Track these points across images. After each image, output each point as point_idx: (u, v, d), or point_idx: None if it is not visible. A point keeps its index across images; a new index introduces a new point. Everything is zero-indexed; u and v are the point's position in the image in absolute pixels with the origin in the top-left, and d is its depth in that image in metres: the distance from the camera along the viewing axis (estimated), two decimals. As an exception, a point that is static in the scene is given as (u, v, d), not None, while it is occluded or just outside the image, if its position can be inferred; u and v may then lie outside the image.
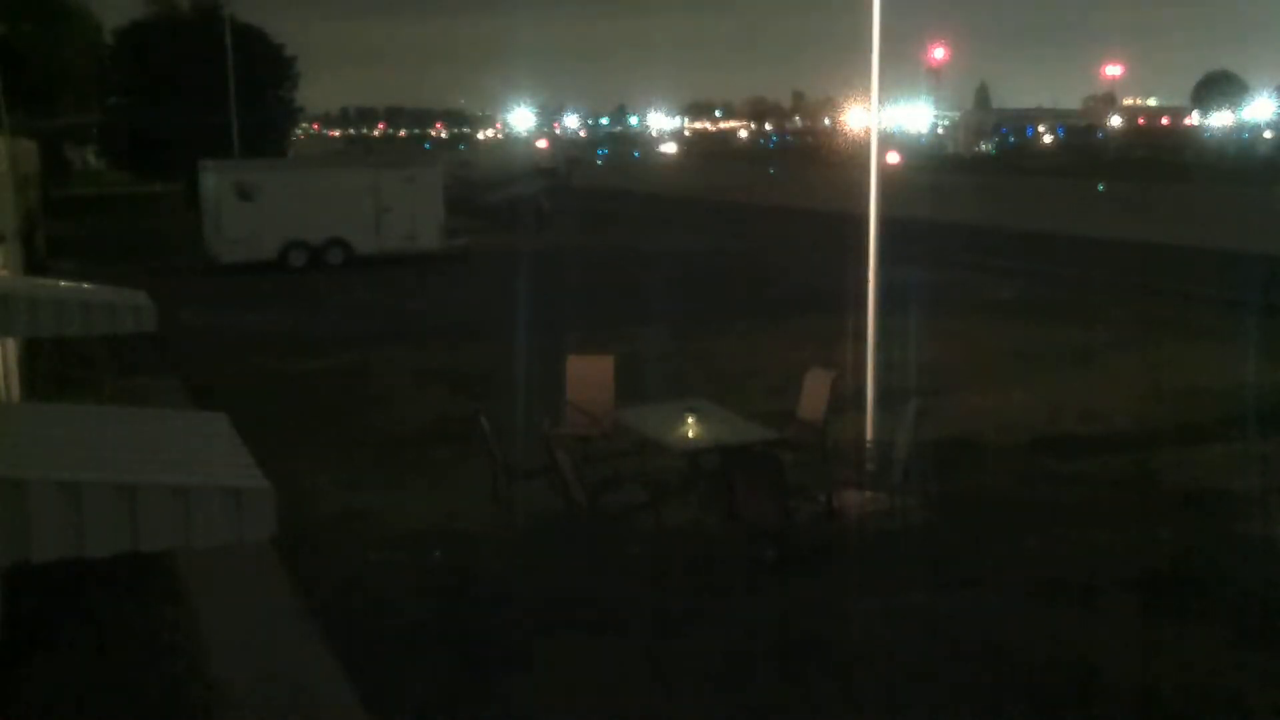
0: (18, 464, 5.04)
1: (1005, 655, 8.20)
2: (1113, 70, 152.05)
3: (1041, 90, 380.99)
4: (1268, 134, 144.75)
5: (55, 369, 15.27)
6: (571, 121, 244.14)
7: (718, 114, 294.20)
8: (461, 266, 31.38)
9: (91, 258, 33.07)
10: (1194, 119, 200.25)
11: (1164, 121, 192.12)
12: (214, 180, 30.57)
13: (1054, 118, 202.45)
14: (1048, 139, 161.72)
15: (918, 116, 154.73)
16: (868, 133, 12.24)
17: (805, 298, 24.38)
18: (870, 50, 11.30)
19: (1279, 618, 8.90)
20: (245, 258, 29.59)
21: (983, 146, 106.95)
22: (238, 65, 44.09)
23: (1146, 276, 26.51)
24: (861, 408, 11.81)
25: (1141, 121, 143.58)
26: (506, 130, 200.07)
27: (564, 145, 56.27)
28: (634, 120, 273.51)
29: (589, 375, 12.63)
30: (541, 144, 53.06)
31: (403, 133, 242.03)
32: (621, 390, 12.58)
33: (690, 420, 10.83)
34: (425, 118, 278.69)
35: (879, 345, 11.75)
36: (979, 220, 41.94)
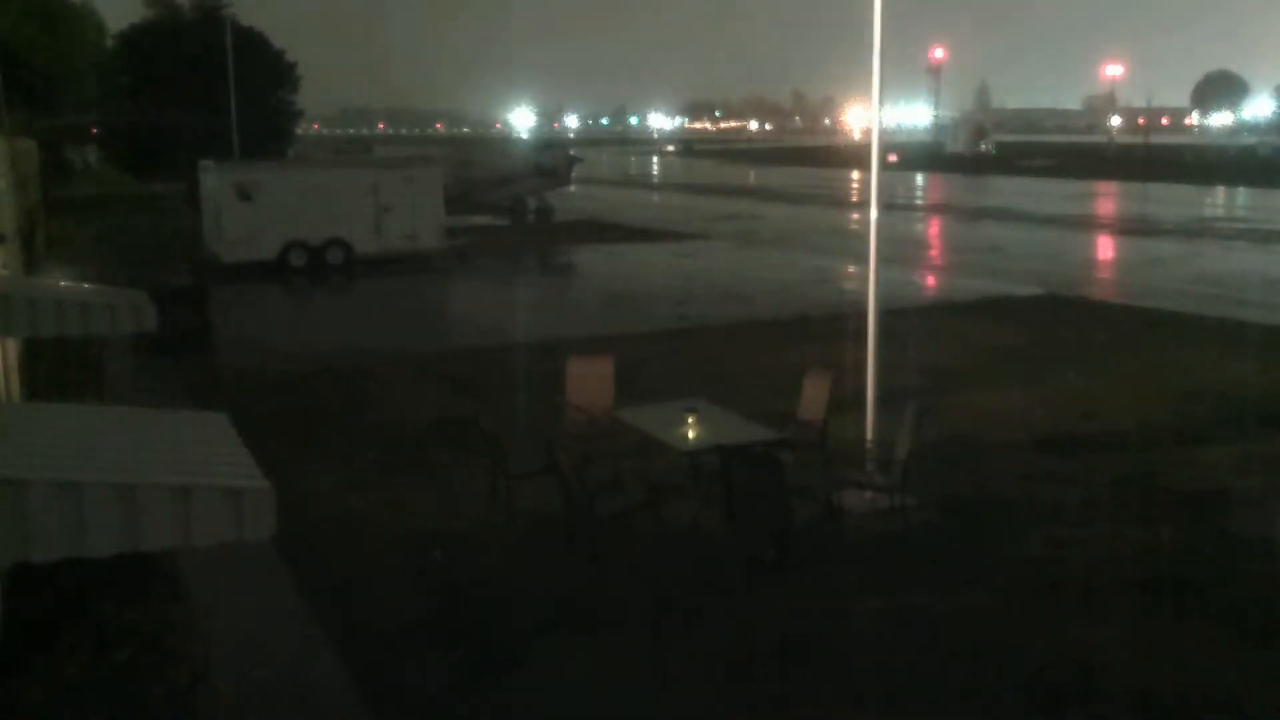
0: (18, 464, 5.03)
1: (1005, 655, 8.20)
2: (1113, 70, 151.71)
3: (1042, 90, 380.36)
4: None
5: (55, 369, 15.25)
6: (571, 121, 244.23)
7: (718, 114, 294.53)
8: (461, 267, 31.37)
9: (92, 258, 33.07)
10: (1194, 119, 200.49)
11: (1164, 122, 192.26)
12: (214, 181, 30.54)
13: (1054, 118, 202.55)
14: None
15: (918, 116, 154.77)
16: (867, 133, 12.24)
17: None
18: (871, 50, 11.29)
19: (1279, 618, 8.90)
20: (245, 258, 29.55)
21: (983, 146, 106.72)
22: (238, 69, 44.09)
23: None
24: (862, 408, 11.81)
25: (1142, 121, 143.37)
26: (507, 130, 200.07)
27: (565, 145, 56.27)
28: (634, 120, 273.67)
29: (589, 375, 12.63)
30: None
31: (403, 132, 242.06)
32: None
33: (690, 420, 10.83)
34: (425, 118, 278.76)
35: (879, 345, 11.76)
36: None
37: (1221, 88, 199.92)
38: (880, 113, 11.92)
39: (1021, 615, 8.88)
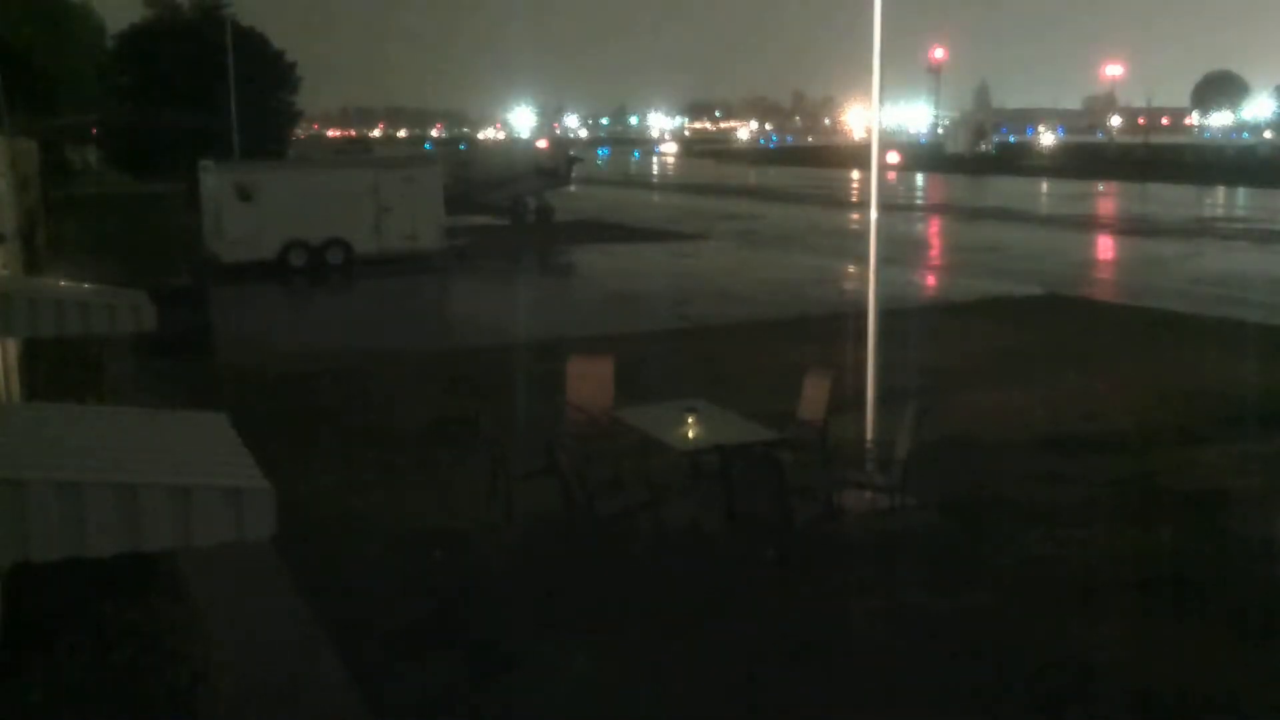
0: (18, 464, 5.03)
1: (1005, 655, 8.20)
2: (1113, 70, 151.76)
3: (1041, 90, 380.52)
4: (1267, 133, 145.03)
5: (55, 369, 15.25)
6: (571, 121, 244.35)
7: (718, 114, 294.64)
8: (461, 267, 31.38)
9: (92, 258, 33.06)
10: (1194, 119, 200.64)
11: (1164, 122, 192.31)
12: (214, 180, 30.56)
13: (1054, 117, 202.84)
14: (1048, 138, 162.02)
15: (918, 116, 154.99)
16: (869, 133, 12.26)
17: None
18: (871, 50, 11.29)
19: (1278, 618, 8.90)
20: (245, 258, 29.58)
21: (983, 147, 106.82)
22: (238, 69, 44.11)
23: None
24: (862, 407, 11.80)
25: (1142, 121, 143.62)
26: (507, 130, 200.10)
27: (565, 145, 56.28)
28: (634, 120, 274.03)
29: (589, 375, 12.63)
30: (541, 144, 53.00)
31: (403, 132, 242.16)
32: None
33: (690, 420, 10.82)
34: (425, 118, 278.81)
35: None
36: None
37: (1221, 88, 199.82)
38: (880, 113, 11.93)
39: (1021, 615, 8.87)
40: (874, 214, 11.80)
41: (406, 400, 15.97)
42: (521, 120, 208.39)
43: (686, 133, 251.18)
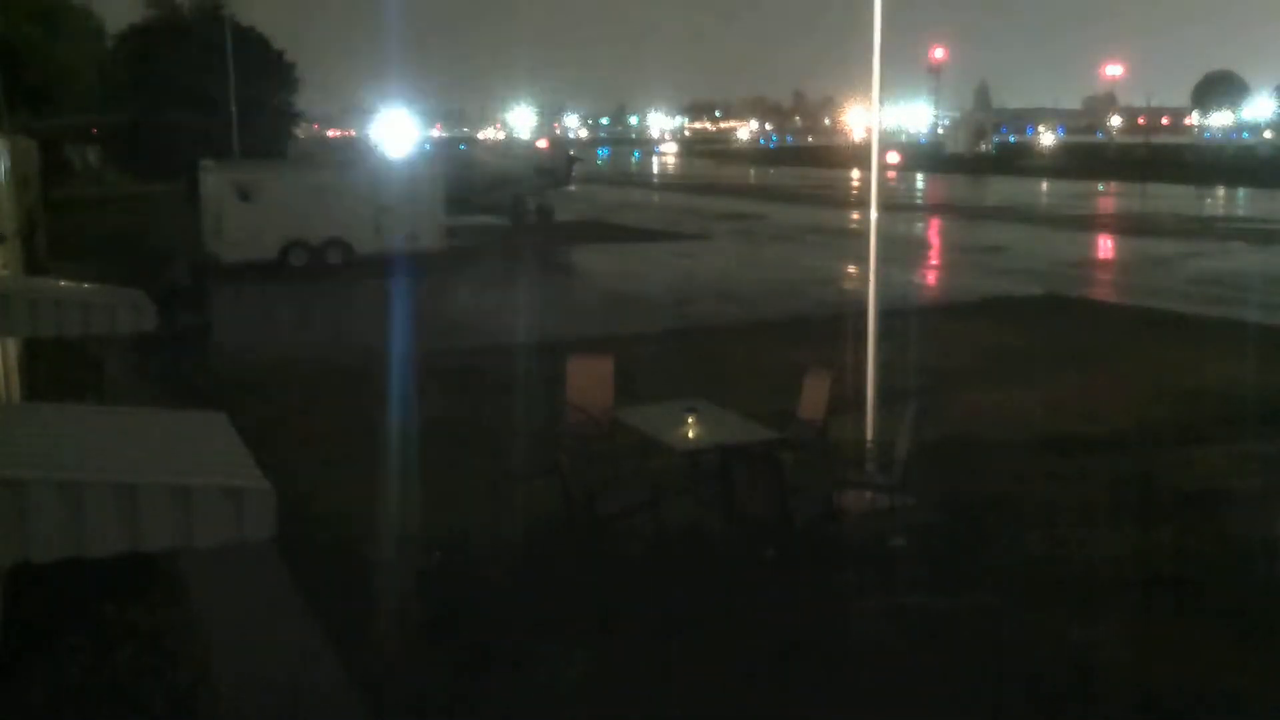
0: (18, 464, 5.03)
1: (1005, 655, 8.20)
2: (1113, 70, 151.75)
3: (1042, 90, 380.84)
4: (1267, 134, 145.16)
5: (55, 369, 15.25)
6: (571, 121, 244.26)
7: (718, 114, 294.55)
8: (461, 267, 31.37)
9: (92, 258, 33.05)
10: (1194, 119, 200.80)
11: (1164, 121, 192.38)
12: (214, 180, 30.56)
13: (1054, 117, 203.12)
14: (1049, 138, 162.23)
15: (918, 116, 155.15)
16: (869, 133, 12.27)
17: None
18: (871, 50, 11.29)
19: (1278, 617, 8.91)
20: (245, 258, 29.57)
21: (983, 147, 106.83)
22: (238, 69, 44.16)
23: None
24: (862, 407, 11.80)
25: (1142, 121, 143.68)
26: (506, 130, 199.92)
27: (565, 145, 56.39)
28: (634, 120, 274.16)
29: (589, 375, 12.62)
30: (542, 144, 53.08)
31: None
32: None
33: (690, 420, 10.82)
34: (425, 117, 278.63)
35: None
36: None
37: (1221, 88, 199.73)
38: (880, 112, 11.94)
39: (1021, 615, 8.87)
40: (874, 214, 11.80)
41: (406, 400, 15.96)
42: (521, 120, 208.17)
43: (686, 133, 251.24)
